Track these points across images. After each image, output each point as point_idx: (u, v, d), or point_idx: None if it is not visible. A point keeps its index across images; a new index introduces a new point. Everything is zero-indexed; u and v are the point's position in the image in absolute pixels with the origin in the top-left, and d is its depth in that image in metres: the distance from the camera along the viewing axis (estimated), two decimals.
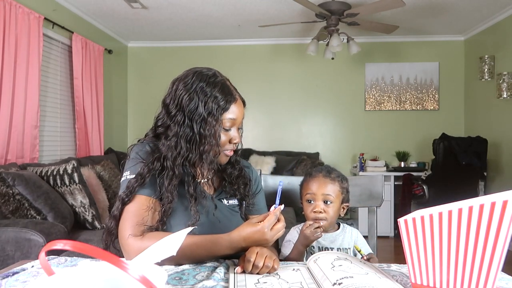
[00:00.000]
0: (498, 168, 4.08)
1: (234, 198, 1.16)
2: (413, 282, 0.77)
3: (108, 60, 4.47)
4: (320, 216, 1.14)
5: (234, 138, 1.08)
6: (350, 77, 4.92)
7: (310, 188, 1.18)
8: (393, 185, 4.39)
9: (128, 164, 1.07)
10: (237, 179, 1.16)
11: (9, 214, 2.23)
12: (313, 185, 1.18)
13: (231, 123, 1.06)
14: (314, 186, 1.18)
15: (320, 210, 1.15)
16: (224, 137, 1.06)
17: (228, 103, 1.05)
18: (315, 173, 1.22)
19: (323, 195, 1.16)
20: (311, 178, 1.21)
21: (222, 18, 4.12)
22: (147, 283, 0.48)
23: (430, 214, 0.72)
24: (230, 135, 1.07)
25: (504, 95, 3.88)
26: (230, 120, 1.06)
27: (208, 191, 1.14)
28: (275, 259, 0.90)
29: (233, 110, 1.06)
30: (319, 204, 1.15)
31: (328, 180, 1.18)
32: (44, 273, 0.61)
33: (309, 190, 1.18)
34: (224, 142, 1.07)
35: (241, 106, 1.10)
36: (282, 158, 4.57)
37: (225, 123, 1.05)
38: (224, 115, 1.05)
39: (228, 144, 1.08)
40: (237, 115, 1.07)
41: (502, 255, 0.67)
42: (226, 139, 1.07)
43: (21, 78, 2.91)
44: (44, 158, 3.35)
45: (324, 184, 1.17)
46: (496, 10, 3.88)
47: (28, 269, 0.90)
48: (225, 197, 1.15)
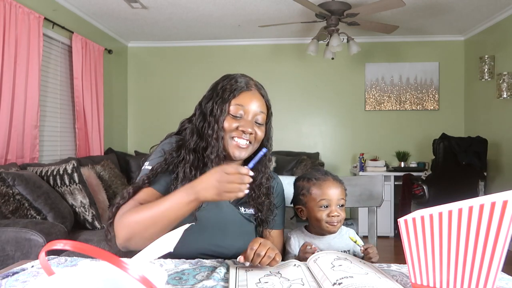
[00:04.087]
0: (498, 168, 4.08)
1: (251, 208, 1.14)
2: (413, 282, 0.77)
3: (108, 60, 4.47)
4: (336, 219, 1.14)
5: (242, 126, 1.05)
6: (350, 77, 4.92)
7: (326, 193, 1.15)
8: (393, 185, 4.39)
9: (151, 155, 1.11)
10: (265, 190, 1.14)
11: (9, 214, 2.23)
12: (328, 190, 1.16)
13: (239, 110, 1.06)
14: (330, 191, 1.15)
15: (337, 214, 1.14)
16: (230, 122, 1.05)
17: (238, 91, 1.07)
18: (323, 176, 1.19)
19: (339, 199, 1.15)
20: (322, 182, 1.17)
21: (222, 18, 4.12)
22: (147, 283, 0.48)
23: (430, 214, 0.72)
24: (237, 122, 1.05)
25: (504, 95, 3.88)
26: (239, 106, 1.05)
27: None
28: (277, 252, 0.90)
29: (242, 97, 1.06)
30: (336, 209, 1.14)
31: (337, 183, 1.18)
32: (44, 273, 0.61)
33: (325, 196, 1.15)
34: (229, 127, 1.05)
35: (257, 98, 1.09)
36: (282, 158, 4.57)
37: (232, 109, 1.05)
38: (232, 101, 1.06)
39: (236, 131, 1.05)
40: (246, 103, 1.06)
41: (502, 255, 0.67)
42: (232, 124, 1.05)
43: (21, 78, 2.91)
44: (44, 158, 3.35)
45: (337, 188, 1.16)
46: (496, 10, 3.88)
47: (28, 269, 0.90)
48: (243, 205, 1.13)
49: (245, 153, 1.08)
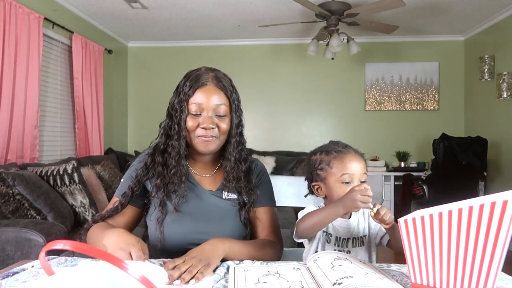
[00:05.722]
0: (498, 168, 4.08)
1: (235, 193, 1.17)
2: (413, 282, 0.77)
3: (108, 60, 4.47)
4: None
5: (202, 123, 1.09)
6: (350, 77, 4.92)
7: (348, 167, 1.04)
8: (393, 185, 4.39)
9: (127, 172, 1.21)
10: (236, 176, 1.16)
11: (9, 214, 2.23)
12: (350, 164, 1.05)
13: (197, 108, 1.09)
14: (352, 165, 1.05)
15: None
16: (191, 122, 1.09)
17: (193, 89, 1.09)
18: (345, 149, 1.09)
19: (361, 174, 1.05)
20: (344, 155, 1.07)
21: (222, 18, 4.12)
22: (147, 283, 0.48)
23: (430, 214, 0.72)
24: (198, 120, 1.09)
25: (504, 95, 3.88)
26: (196, 105, 1.09)
27: (210, 187, 1.18)
28: (201, 269, 0.87)
29: (198, 95, 1.09)
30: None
31: (359, 157, 1.07)
32: (44, 273, 0.61)
33: (347, 170, 1.04)
34: (191, 126, 1.10)
35: (213, 92, 1.10)
36: (282, 158, 4.57)
37: (191, 108, 1.09)
38: (189, 101, 1.09)
39: (199, 129, 1.09)
40: (202, 100, 1.09)
41: (502, 255, 0.67)
42: (194, 124, 1.10)
43: (21, 78, 2.91)
44: (44, 158, 3.35)
45: (360, 162, 1.06)
46: (496, 10, 3.88)
47: (28, 269, 0.90)
48: (225, 190, 1.17)
49: (211, 146, 1.11)
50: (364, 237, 1.10)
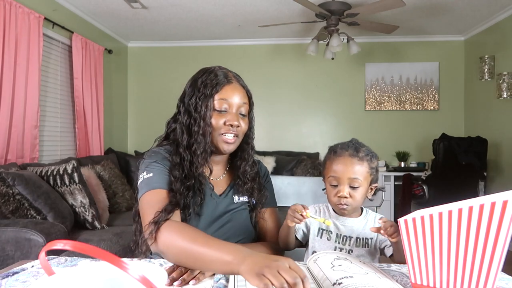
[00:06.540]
0: (498, 168, 4.08)
1: (245, 195, 1.16)
2: (413, 282, 0.77)
3: (108, 60, 4.47)
4: (344, 201, 1.01)
5: (229, 120, 1.06)
6: (350, 77, 4.92)
7: (334, 170, 1.02)
8: (393, 185, 4.39)
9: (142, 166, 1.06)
10: (250, 177, 1.15)
11: (9, 214, 2.23)
12: (338, 166, 1.02)
13: (223, 103, 1.06)
14: (339, 168, 1.01)
15: (345, 195, 1.01)
16: (217, 119, 1.06)
17: (219, 85, 1.06)
18: (341, 151, 1.05)
19: (349, 179, 1.01)
20: (336, 157, 1.04)
21: (222, 18, 4.12)
22: (147, 283, 0.48)
23: (430, 214, 0.72)
24: (223, 118, 1.07)
25: (504, 95, 3.88)
26: (223, 101, 1.06)
27: (221, 189, 1.15)
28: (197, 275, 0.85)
29: (226, 91, 1.07)
30: (344, 189, 1.01)
31: (355, 160, 1.02)
32: (44, 273, 0.61)
33: (332, 173, 1.02)
34: (216, 124, 1.06)
35: (238, 90, 1.09)
36: (282, 158, 4.56)
37: (216, 104, 1.06)
38: (215, 96, 1.06)
39: (224, 127, 1.06)
40: (230, 97, 1.07)
41: (502, 255, 0.67)
42: (219, 121, 1.06)
43: (21, 78, 2.91)
44: (44, 158, 3.35)
45: (351, 165, 1.01)
46: (496, 10, 3.88)
47: (28, 269, 0.90)
48: (236, 194, 1.15)
49: (233, 146, 1.10)
50: (371, 239, 1.08)
